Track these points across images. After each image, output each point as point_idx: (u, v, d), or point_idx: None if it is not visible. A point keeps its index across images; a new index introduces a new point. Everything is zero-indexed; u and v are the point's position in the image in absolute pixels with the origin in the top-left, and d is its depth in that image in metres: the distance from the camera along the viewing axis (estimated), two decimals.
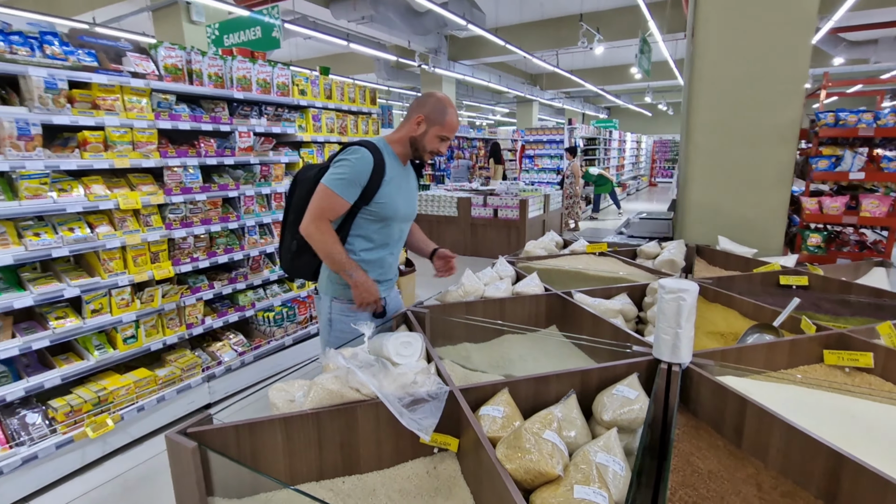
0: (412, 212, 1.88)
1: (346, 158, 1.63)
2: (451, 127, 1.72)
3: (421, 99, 1.73)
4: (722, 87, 2.85)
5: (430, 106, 1.70)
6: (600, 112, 22.28)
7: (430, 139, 1.71)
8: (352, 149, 1.65)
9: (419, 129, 1.70)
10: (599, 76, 13.95)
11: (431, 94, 1.73)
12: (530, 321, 1.97)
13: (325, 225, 1.63)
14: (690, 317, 1.24)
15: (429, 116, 1.69)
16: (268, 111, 3.07)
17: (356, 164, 1.62)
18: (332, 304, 1.78)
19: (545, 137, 10.16)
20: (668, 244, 2.73)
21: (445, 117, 1.70)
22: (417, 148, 1.74)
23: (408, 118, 1.74)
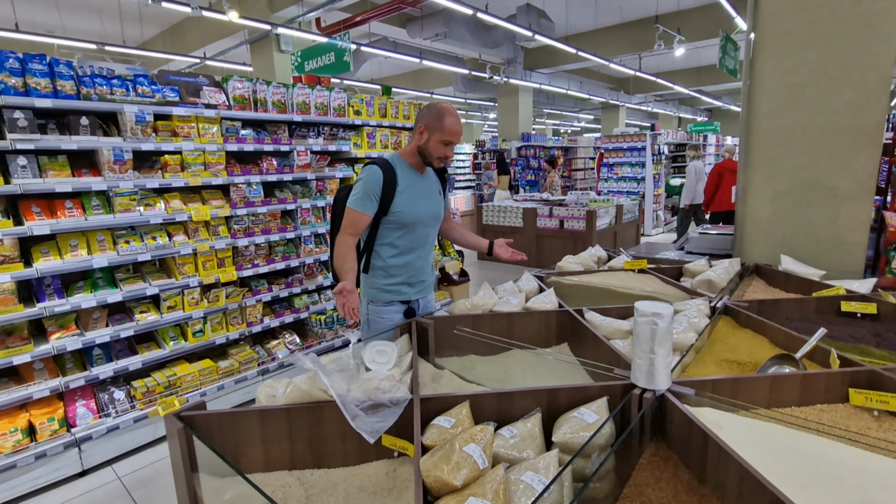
0: (435, 215, 2.03)
1: (359, 178, 1.86)
2: (452, 132, 1.83)
3: (422, 110, 1.87)
4: (789, 85, 2.58)
5: (429, 115, 1.82)
6: (699, 115, 20.65)
7: (434, 146, 1.83)
8: (364, 169, 1.87)
9: (423, 138, 1.84)
10: (692, 77, 12.99)
11: (431, 105, 1.86)
12: (539, 338, 1.96)
13: (344, 238, 1.85)
14: (664, 342, 1.19)
15: (429, 125, 1.82)
16: (324, 131, 3.35)
17: (367, 181, 1.82)
18: (368, 306, 1.99)
19: (625, 145, 9.68)
20: (719, 262, 2.53)
21: (444, 123, 1.80)
22: (425, 155, 1.87)
23: (414, 129, 1.89)
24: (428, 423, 1.20)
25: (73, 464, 2.33)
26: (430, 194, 1.99)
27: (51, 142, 2.26)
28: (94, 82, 2.38)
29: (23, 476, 2.19)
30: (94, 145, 2.39)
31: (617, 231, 6.91)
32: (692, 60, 12.15)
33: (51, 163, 2.32)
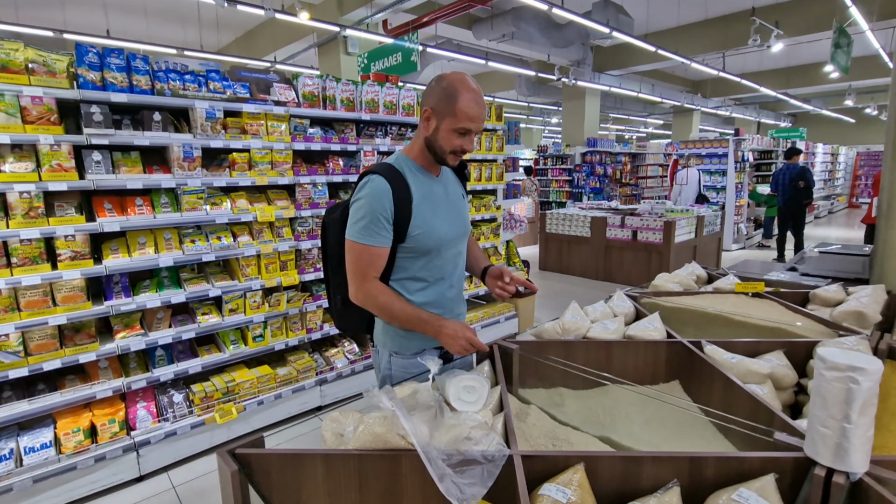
0: (462, 228, 1.51)
1: (358, 198, 1.33)
2: (469, 116, 1.29)
3: (426, 89, 1.36)
4: None
5: (436, 94, 1.30)
6: (782, 120, 19.01)
7: (444, 136, 1.31)
8: (363, 182, 1.34)
9: (430, 127, 1.32)
10: (780, 78, 11.88)
11: (439, 78, 1.33)
12: (645, 373, 1.64)
13: (374, 286, 1.33)
14: (868, 408, 0.86)
15: (436, 108, 1.30)
16: (392, 131, 3.19)
17: (371, 201, 1.29)
18: (391, 359, 1.47)
19: (704, 151, 8.95)
20: (860, 290, 2.08)
21: (457, 104, 1.28)
22: (435, 150, 1.35)
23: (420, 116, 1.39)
24: (533, 489, 0.93)
25: (130, 468, 2.27)
26: (452, 203, 1.47)
27: (124, 137, 2.21)
28: (167, 77, 2.33)
29: (81, 479, 2.14)
30: (165, 141, 2.34)
31: (697, 245, 6.31)
32: (781, 61, 11.10)
33: (124, 159, 2.28)
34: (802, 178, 6.93)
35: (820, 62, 10.18)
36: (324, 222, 1.54)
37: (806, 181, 6.91)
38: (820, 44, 8.13)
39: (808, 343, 1.59)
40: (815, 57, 10.28)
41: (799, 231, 7.22)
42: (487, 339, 3.17)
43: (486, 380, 1.13)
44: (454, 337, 1.32)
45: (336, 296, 1.51)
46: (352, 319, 1.53)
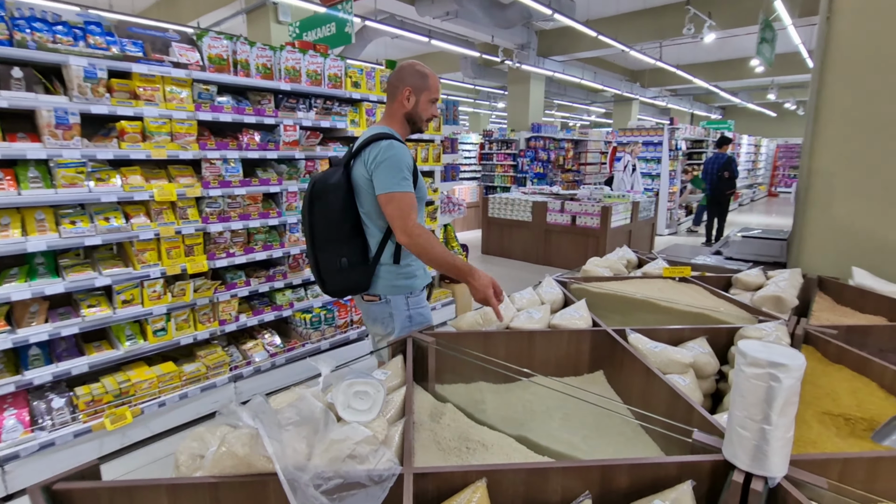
0: None
1: (388, 156, 1.57)
2: (437, 87, 1.74)
3: (397, 74, 1.70)
4: (868, 64, 2.15)
5: (411, 76, 1.68)
6: (712, 112, 20.08)
7: (423, 107, 1.71)
8: (384, 145, 1.58)
9: (410, 103, 1.69)
10: (711, 71, 12.45)
11: (405, 65, 1.71)
12: (569, 364, 1.55)
13: (417, 226, 1.56)
14: (788, 408, 0.78)
15: (415, 86, 1.67)
16: (316, 104, 2.92)
17: (400, 157, 1.58)
18: (408, 300, 1.72)
19: (641, 139, 9.21)
20: (778, 273, 2.11)
21: (428, 81, 1.70)
22: (416, 121, 1.72)
23: (392, 97, 1.70)
24: None
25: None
26: None
27: None
28: (31, 27, 1.95)
29: None
30: (30, 104, 1.97)
31: (632, 230, 6.48)
32: (712, 55, 11.60)
33: None
34: (727, 168, 7.29)
35: (746, 57, 10.72)
36: (317, 191, 1.63)
37: (730, 171, 7.27)
38: (747, 38, 8.53)
39: (729, 329, 1.56)
40: (742, 52, 10.82)
41: (722, 218, 7.63)
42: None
43: (382, 384, 0.97)
44: (484, 287, 1.58)
45: (340, 258, 1.65)
46: (353, 280, 1.68)
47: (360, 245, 1.68)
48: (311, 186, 1.64)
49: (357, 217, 1.67)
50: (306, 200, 1.65)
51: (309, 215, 1.64)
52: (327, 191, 1.61)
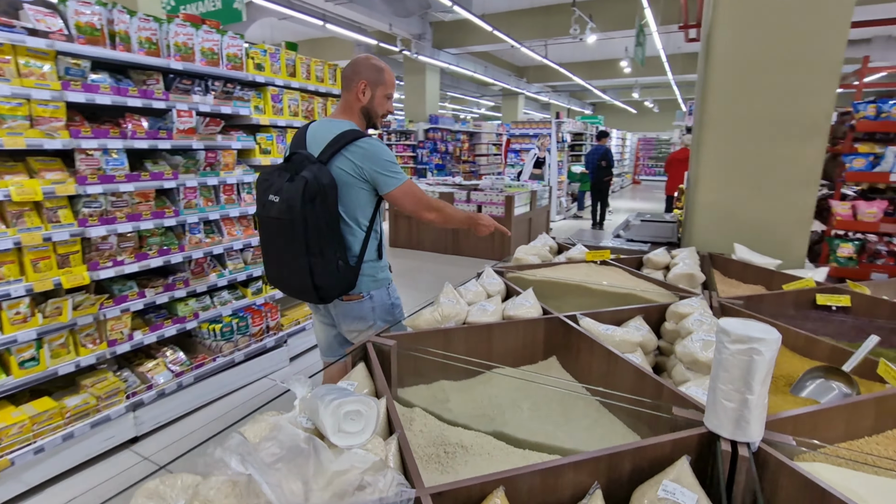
0: None
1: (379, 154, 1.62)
2: (392, 83, 1.73)
3: (352, 67, 1.69)
4: (741, 71, 2.48)
5: (367, 69, 1.67)
6: (585, 108, 22.03)
7: (379, 102, 1.70)
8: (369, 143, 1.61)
9: (366, 97, 1.67)
10: (586, 70, 13.63)
11: (360, 58, 1.71)
12: (525, 352, 1.57)
13: (432, 201, 1.72)
14: (767, 378, 0.86)
15: (370, 80, 1.66)
16: (215, 87, 2.59)
17: (387, 151, 1.65)
18: (389, 290, 1.79)
19: (531, 131, 9.78)
20: (679, 252, 2.37)
21: (384, 76, 1.69)
22: (371, 115, 1.72)
23: (347, 90, 1.69)
24: None
25: None
26: None
27: None
28: None
29: None
30: None
31: (532, 217, 6.86)
32: (595, 54, 12.66)
33: None
34: (605, 158, 8.13)
35: (616, 58, 11.91)
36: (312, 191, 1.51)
37: (607, 161, 8.12)
38: (619, 41, 9.46)
39: (660, 307, 1.70)
40: (613, 53, 11.98)
41: (604, 203, 8.46)
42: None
43: (373, 399, 0.88)
44: (488, 223, 1.92)
45: (337, 261, 1.60)
46: (345, 281, 1.65)
47: (346, 244, 1.66)
48: (304, 187, 1.48)
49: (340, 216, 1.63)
50: (295, 202, 1.47)
51: (303, 219, 1.49)
52: (324, 191, 1.52)
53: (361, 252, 1.66)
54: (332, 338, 1.89)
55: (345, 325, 1.78)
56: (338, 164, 1.58)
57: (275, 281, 1.68)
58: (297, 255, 1.53)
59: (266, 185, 1.57)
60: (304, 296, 1.63)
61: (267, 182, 1.57)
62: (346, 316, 1.74)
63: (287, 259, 1.56)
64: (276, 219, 1.52)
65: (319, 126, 1.67)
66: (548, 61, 9.31)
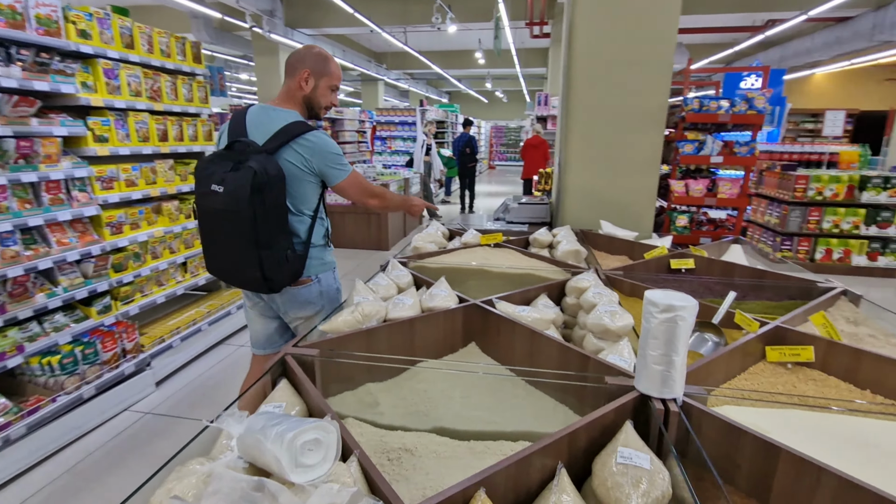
0: None
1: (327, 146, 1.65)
2: (338, 76, 1.73)
3: (297, 55, 1.68)
4: (597, 68, 2.79)
5: (311, 58, 1.66)
6: (442, 96, 22.75)
7: (322, 92, 1.70)
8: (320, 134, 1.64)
9: (309, 86, 1.67)
10: (443, 59, 14.03)
11: (307, 48, 1.70)
12: (446, 342, 1.57)
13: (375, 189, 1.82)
14: (687, 340, 0.97)
15: (314, 70, 1.66)
16: (23, 56, 2.02)
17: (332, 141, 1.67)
18: (334, 274, 1.84)
19: (397, 119, 9.76)
20: (558, 231, 2.59)
21: (330, 66, 1.69)
22: (314, 106, 1.72)
23: (290, 77, 1.67)
24: None
25: None
26: None
27: None
28: None
29: None
30: None
31: None
32: (452, 44, 13.01)
33: None
34: (469, 145, 8.54)
35: (471, 49, 12.45)
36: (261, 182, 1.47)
37: (472, 148, 8.55)
38: (472, 33, 9.88)
39: (559, 283, 1.83)
40: (468, 44, 12.50)
41: (472, 188, 8.90)
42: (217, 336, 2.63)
43: (329, 422, 0.78)
44: (420, 204, 2.06)
45: (286, 252, 1.60)
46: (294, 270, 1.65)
47: (294, 232, 1.68)
48: (252, 177, 1.44)
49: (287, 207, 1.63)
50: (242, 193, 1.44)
51: (251, 210, 1.46)
52: (272, 182, 1.49)
53: (308, 237, 1.69)
54: (273, 330, 1.89)
55: (291, 313, 1.78)
56: (286, 156, 1.57)
57: (218, 273, 1.68)
58: (245, 247, 1.50)
59: (206, 173, 1.52)
60: (252, 287, 1.64)
61: (207, 170, 1.52)
62: (293, 302, 1.75)
63: (234, 251, 1.53)
64: (222, 210, 1.48)
65: (260, 113, 1.64)
66: (408, 48, 9.33)
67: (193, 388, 2.71)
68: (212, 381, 2.82)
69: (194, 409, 2.49)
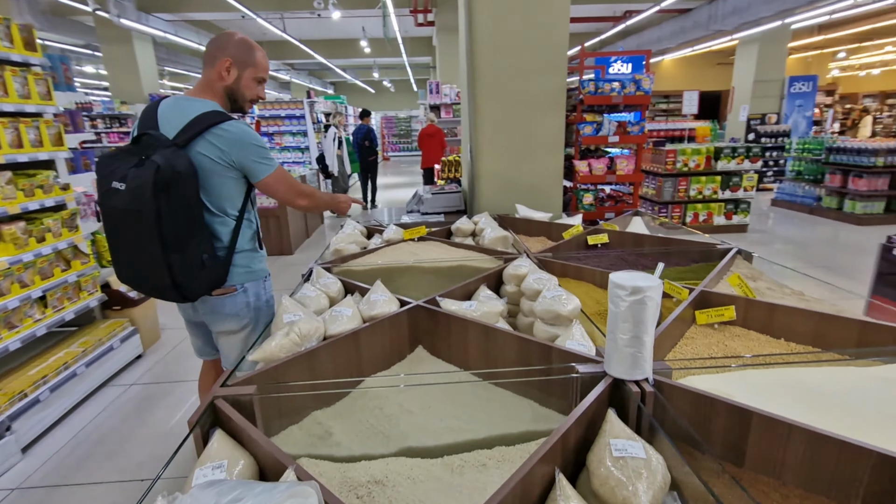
0: None
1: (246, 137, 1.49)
2: (265, 67, 1.60)
3: (216, 43, 1.54)
4: (500, 55, 2.80)
5: (234, 47, 1.52)
6: (327, 87, 21.80)
7: (246, 84, 1.56)
8: (238, 123, 1.48)
9: (231, 76, 1.53)
10: (326, 49, 13.38)
11: (228, 34, 1.55)
12: (393, 350, 1.46)
13: (303, 187, 1.66)
14: (654, 320, 0.98)
15: (237, 59, 1.52)
16: None
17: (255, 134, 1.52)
18: (265, 283, 1.72)
19: (283, 112, 9.08)
20: (478, 219, 2.58)
21: (255, 56, 1.56)
22: (236, 98, 1.57)
23: (210, 66, 1.52)
24: None
25: None
26: None
27: None
28: None
29: None
30: None
31: None
32: (335, 32, 12.38)
33: None
34: (368, 137, 8.27)
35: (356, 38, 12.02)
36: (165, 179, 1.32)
37: (370, 140, 8.29)
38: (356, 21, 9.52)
39: (496, 272, 1.80)
40: (353, 33, 12.04)
41: (374, 181, 8.66)
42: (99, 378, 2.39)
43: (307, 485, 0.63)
44: (346, 200, 1.91)
45: (201, 255, 1.46)
46: (214, 276, 1.52)
47: (212, 236, 1.52)
48: (155, 173, 1.30)
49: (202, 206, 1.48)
50: (144, 191, 1.29)
51: (156, 210, 1.31)
52: (179, 178, 1.34)
53: (233, 241, 1.55)
54: (207, 336, 1.77)
55: (215, 325, 1.64)
56: (199, 148, 1.42)
57: (127, 280, 1.51)
58: (151, 251, 1.35)
59: (107, 170, 1.37)
60: (163, 296, 1.47)
61: (109, 167, 1.37)
62: (216, 313, 1.60)
63: (139, 255, 1.39)
64: (123, 210, 1.34)
65: (173, 104, 1.49)
66: (288, 37, 8.70)
67: (75, 447, 2.26)
68: (97, 433, 2.37)
69: (78, 472, 2.07)
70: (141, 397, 2.67)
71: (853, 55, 14.28)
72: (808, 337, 1.33)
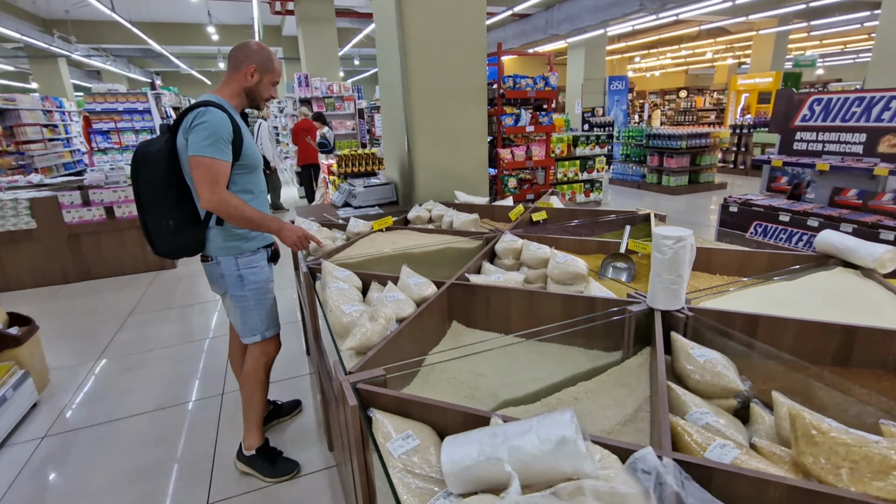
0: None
1: (201, 122, 1.63)
2: (280, 72, 1.89)
3: (243, 50, 1.79)
4: (429, 52, 2.95)
5: (258, 55, 1.79)
6: (148, 77, 18.96)
7: (265, 87, 1.84)
8: (199, 111, 1.65)
9: (253, 80, 1.80)
10: (160, 33, 11.67)
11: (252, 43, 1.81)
12: (440, 328, 1.56)
13: (226, 192, 1.67)
14: (693, 259, 1.29)
15: (260, 66, 1.79)
16: None
17: (215, 124, 1.64)
18: (237, 261, 1.85)
19: (121, 106, 7.77)
20: (432, 206, 2.74)
21: (274, 64, 1.84)
22: (255, 98, 1.84)
23: (236, 70, 1.79)
24: None
25: None
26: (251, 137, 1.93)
27: None
28: None
29: None
30: None
31: None
32: (168, 15, 10.79)
33: None
34: None
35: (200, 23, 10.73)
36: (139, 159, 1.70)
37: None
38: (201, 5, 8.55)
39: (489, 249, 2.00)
40: (195, 17, 10.71)
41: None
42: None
43: (566, 411, 0.76)
44: (293, 231, 1.87)
45: (166, 221, 1.74)
46: (186, 242, 1.78)
47: (190, 210, 1.77)
48: (135, 154, 1.70)
49: (183, 183, 1.75)
50: (132, 168, 1.73)
51: (134, 182, 1.72)
52: (148, 159, 1.68)
53: (205, 217, 1.78)
54: None
55: (210, 286, 1.96)
56: (180, 134, 1.68)
57: None
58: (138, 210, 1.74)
59: None
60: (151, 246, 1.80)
61: None
62: (207, 275, 1.94)
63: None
64: None
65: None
66: (117, 16, 7.42)
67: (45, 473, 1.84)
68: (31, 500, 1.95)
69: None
70: (67, 447, 2.22)
71: (643, 59, 17.61)
72: (734, 269, 1.81)
